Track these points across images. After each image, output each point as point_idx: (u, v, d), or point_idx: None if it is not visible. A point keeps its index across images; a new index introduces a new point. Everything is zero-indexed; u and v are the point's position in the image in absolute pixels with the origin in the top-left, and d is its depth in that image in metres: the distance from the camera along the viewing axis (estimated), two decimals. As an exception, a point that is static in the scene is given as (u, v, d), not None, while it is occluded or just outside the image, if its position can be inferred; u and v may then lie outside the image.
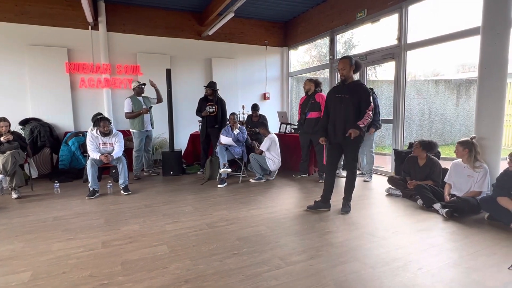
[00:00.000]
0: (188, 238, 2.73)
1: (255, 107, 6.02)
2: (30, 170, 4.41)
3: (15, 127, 4.92)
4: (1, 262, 2.33)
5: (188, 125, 6.47)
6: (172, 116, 5.48)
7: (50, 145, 5.29)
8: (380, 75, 10.48)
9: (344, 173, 5.19)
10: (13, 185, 4.06)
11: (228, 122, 5.28)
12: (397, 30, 4.92)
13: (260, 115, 6.09)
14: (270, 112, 7.03)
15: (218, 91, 5.48)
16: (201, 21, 6.70)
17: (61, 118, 5.74)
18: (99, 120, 4.28)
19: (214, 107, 5.35)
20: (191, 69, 6.84)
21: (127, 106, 5.09)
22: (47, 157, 5.30)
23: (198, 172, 5.57)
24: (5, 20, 5.34)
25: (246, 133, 5.15)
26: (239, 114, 6.31)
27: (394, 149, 4.93)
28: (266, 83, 7.70)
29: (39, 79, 5.57)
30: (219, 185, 4.63)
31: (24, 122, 5.34)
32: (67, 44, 5.77)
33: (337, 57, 6.38)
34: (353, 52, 7.00)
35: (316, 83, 4.90)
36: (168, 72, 5.33)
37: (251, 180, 4.94)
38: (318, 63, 8.94)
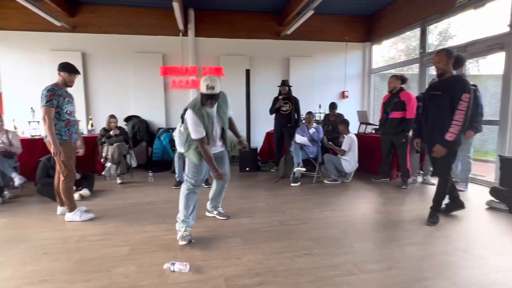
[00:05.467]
0: (261, 233, 2.81)
1: (332, 106, 5.84)
2: (131, 160, 5.15)
3: (121, 123, 5.79)
4: (108, 236, 2.79)
5: (264, 123, 6.62)
6: (250, 115, 5.71)
7: (146, 139, 6.09)
8: (484, 69, 8.98)
9: (433, 180, 4.68)
10: (118, 172, 4.82)
11: (303, 121, 5.24)
12: (510, 15, 4.15)
13: (338, 114, 5.87)
14: (348, 111, 6.70)
15: (291, 89, 5.48)
16: (280, 21, 6.79)
17: (155, 116, 6.55)
18: (186, 117, 4.73)
19: (288, 105, 5.36)
20: (268, 69, 7.00)
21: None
22: (143, 149, 6.13)
23: (272, 170, 5.67)
24: (117, 32, 6.32)
25: (322, 132, 5.03)
26: (315, 113, 6.20)
27: (499, 155, 4.18)
28: (345, 81, 7.38)
29: (140, 82, 6.45)
30: (292, 184, 4.64)
31: (127, 119, 6.26)
32: (162, 50, 6.53)
33: (429, 50, 5.72)
34: (450, 44, 6.13)
35: (402, 80, 4.48)
36: (248, 72, 5.56)
37: (325, 181, 4.81)
38: (406, 58, 8.13)
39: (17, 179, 3.92)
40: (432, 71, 5.86)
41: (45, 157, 4.05)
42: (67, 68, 3.09)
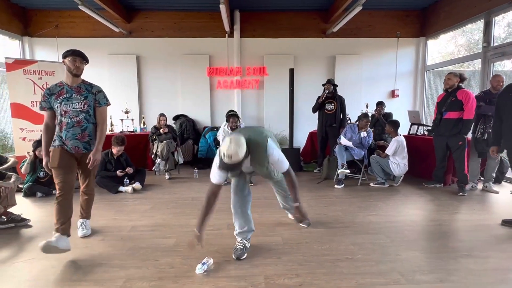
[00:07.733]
0: (301, 234, 2.78)
1: (380, 104, 5.58)
2: (178, 157, 5.42)
3: (169, 121, 6.12)
4: (156, 227, 2.98)
5: (308, 123, 6.53)
6: (293, 114, 5.66)
7: (193, 137, 6.37)
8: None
9: (495, 187, 4.24)
10: (167, 168, 5.10)
11: (349, 121, 5.06)
12: None
13: (386, 113, 5.59)
14: (398, 111, 6.33)
15: (336, 88, 5.32)
16: (326, 19, 6.63)
17: (201, 115, 6.81)
18: (229, 116, 4.86)
19: (333, 104, 5.23)
20: (313, 68, 6.89)
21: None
22: (190, 147, 6.41)
23: (315, 171, 5.57)
24: (168, 35, 6.69)
25: (372, 137, 4.78)
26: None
27: None
28: (395, 79, 6.98)
29: (188, 82, 6.75)
30: (336, 186, 4.51)
31: (175, 118, 6.60)
32: (209, 51, 6.76)
33: (494, 44, 5.17)
34: (520, 35, 5.49)
35: (461, 78, 4.12)
36: (291, 72, 5.52)
37: (371, 184, 4.60)
38: (466, 53, 7.42)
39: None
40: (498, 67, 5.31)
41: (103, 151, 4.43)
42: (64, 53, 2.49)
